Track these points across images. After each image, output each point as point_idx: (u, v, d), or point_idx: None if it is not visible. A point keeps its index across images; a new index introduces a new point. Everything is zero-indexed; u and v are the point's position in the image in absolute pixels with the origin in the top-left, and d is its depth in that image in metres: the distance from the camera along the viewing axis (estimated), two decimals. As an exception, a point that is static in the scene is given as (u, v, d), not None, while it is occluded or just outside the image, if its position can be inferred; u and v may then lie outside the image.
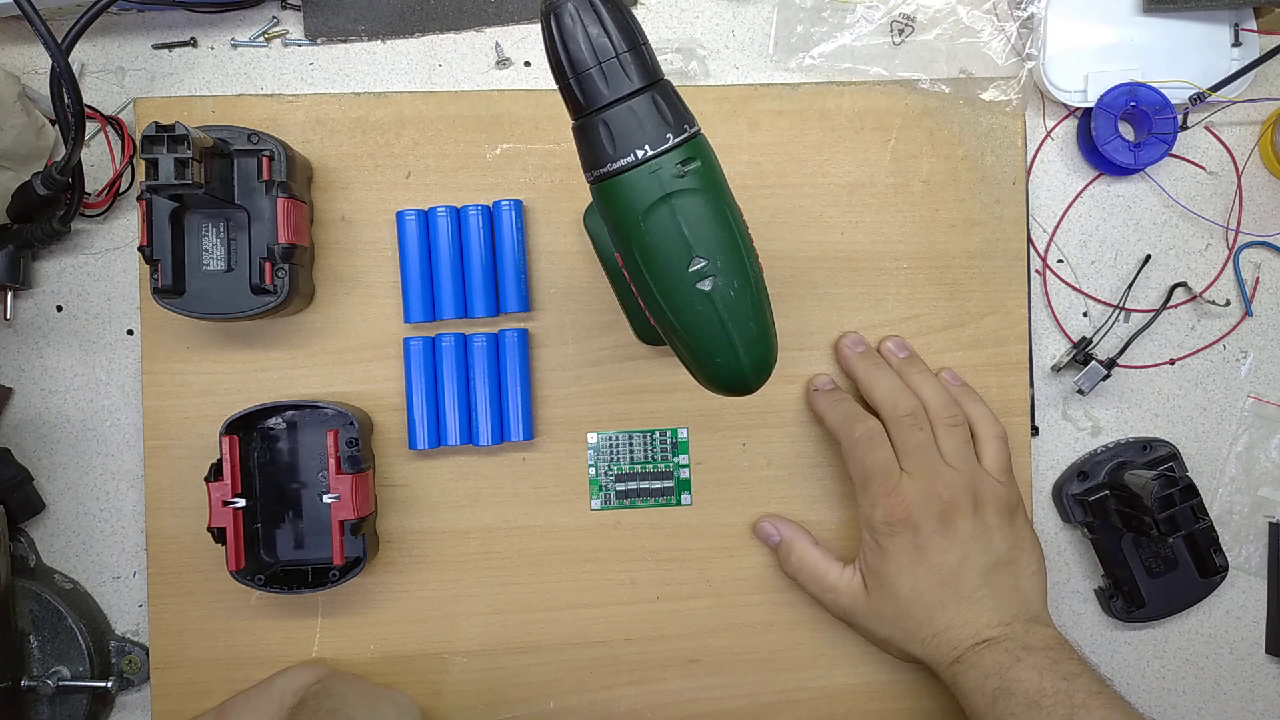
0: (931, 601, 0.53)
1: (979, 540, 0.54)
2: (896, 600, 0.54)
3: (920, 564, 0.53)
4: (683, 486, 0.59)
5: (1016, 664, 0.50)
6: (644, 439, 0.59)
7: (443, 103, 0.58)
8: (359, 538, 0.54)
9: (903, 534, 0.53)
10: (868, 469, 0.54)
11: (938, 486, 0.53)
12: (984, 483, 0.55)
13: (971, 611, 0.53)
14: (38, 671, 0.56)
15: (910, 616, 0.53)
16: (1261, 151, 0.63)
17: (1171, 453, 0.62)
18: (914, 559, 0.53)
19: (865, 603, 0.55)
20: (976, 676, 0.51)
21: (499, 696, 0.58)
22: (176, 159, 0.47)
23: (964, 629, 0.53)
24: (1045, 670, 0.50)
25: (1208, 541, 0.61)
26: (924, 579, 0.53)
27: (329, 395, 0.57)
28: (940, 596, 0.53)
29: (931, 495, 0.53)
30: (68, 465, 0.59)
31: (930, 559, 0.53)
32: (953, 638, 0.53)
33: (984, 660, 0.51)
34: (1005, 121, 0.60)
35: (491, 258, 0.57)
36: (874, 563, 0.54)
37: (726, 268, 0.39)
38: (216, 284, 0.53)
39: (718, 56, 0.61)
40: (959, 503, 0.54)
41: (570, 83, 0.37)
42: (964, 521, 0.54)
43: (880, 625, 0.55)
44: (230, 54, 0.59)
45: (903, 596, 0.53)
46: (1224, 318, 0.63)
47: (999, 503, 0.55)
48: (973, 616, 0.53)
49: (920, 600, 0.53)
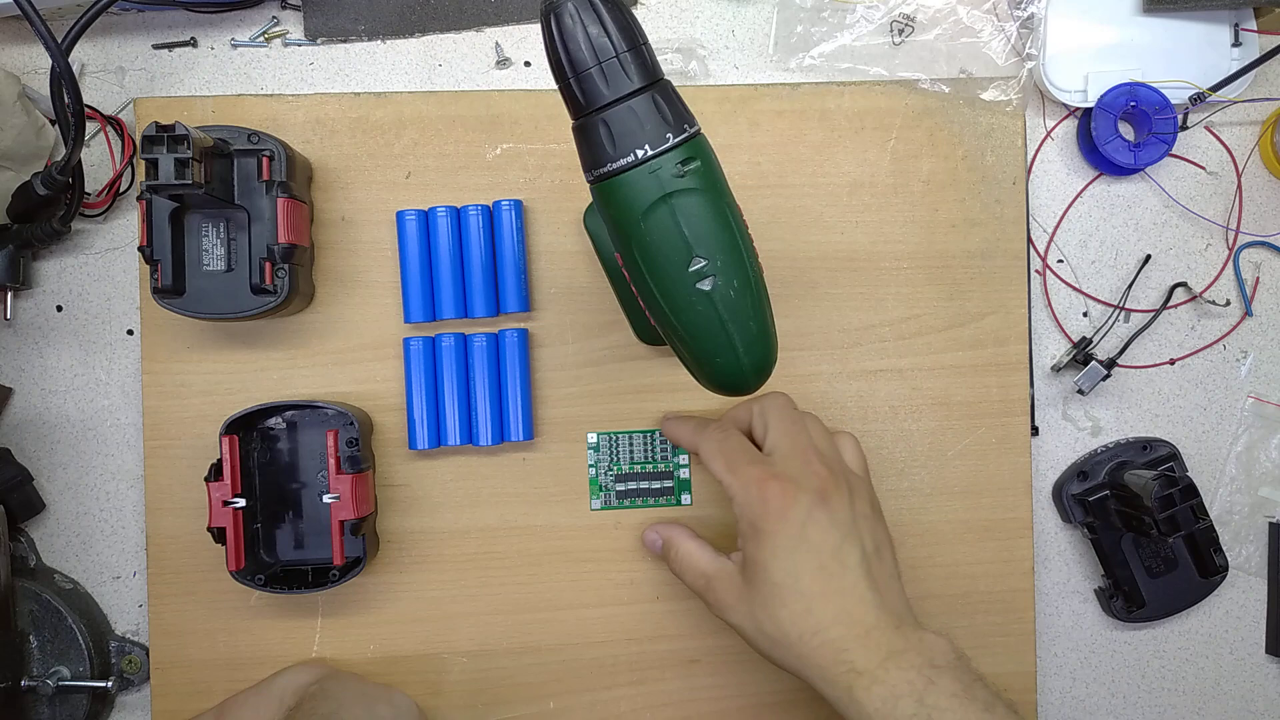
0: (811, 591, 0.47)
1: (855, 526, 0.49)
2: (773, 588, 0.47)
3: (800, 546, 0.47)
4: (683, 486, 0.59)
5: (931, 688, 0.44)
6: (644, 439, 0.59)
7: (443, 103, 0.58)
8: (359, 538, 0.54)
9: (780, 510, 0.47)
10: (732, 454, 0.50)
11: (814, 464, 0.49)
12: (851, 473, 0.51)
13: (856, 607, 0.47)
14: (38, 671, 0.56)
15: (788, 608, 0.47)
16: (1261, 151, 0.63)
17: (1171, 453, 0.62)
18: (793, 540, 0.47)
19: (742, 594, 0.49)
20: (884, 696, 0.44)
21: (499, 696, 0.58)
22: (176, 159, 0.47)
23: (851, 627, 0.46)
24: (962, 698, 0.44)
25: (1208, 541, 0.61)
26: (802, 563, 0.47)
27: (329, 395, 0.57)
28: (820, 586, 0.47)
29: (809, 472, 0.49)
30: (68, 465, 0.59)
31: (810, 539, 0.47)
32: (838, 638, 0.46)
33: (890, 677, 0.45)
34: (1005, 121, 0.60)
35: (491, 258, 0.57)
36: (750, 549, 0.48)
37: (726, 268, 0.39)
38: (216, 284, 0.53)
39: (718, 56, 0.61)
40: (836, 483, 0.49)
41: (570, 83, 0.37)
42: (841, 504, 0.49)
43: (758, 620, 0.48)
44: (230, 54, 0.59)
45: (780, 583, 0.47)
46: (1224, 318, 0.63)
47: (867, 491, 0.51)
48: (859, 613, 0.47)
49: (798, 589, 0.47)
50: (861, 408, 0.60)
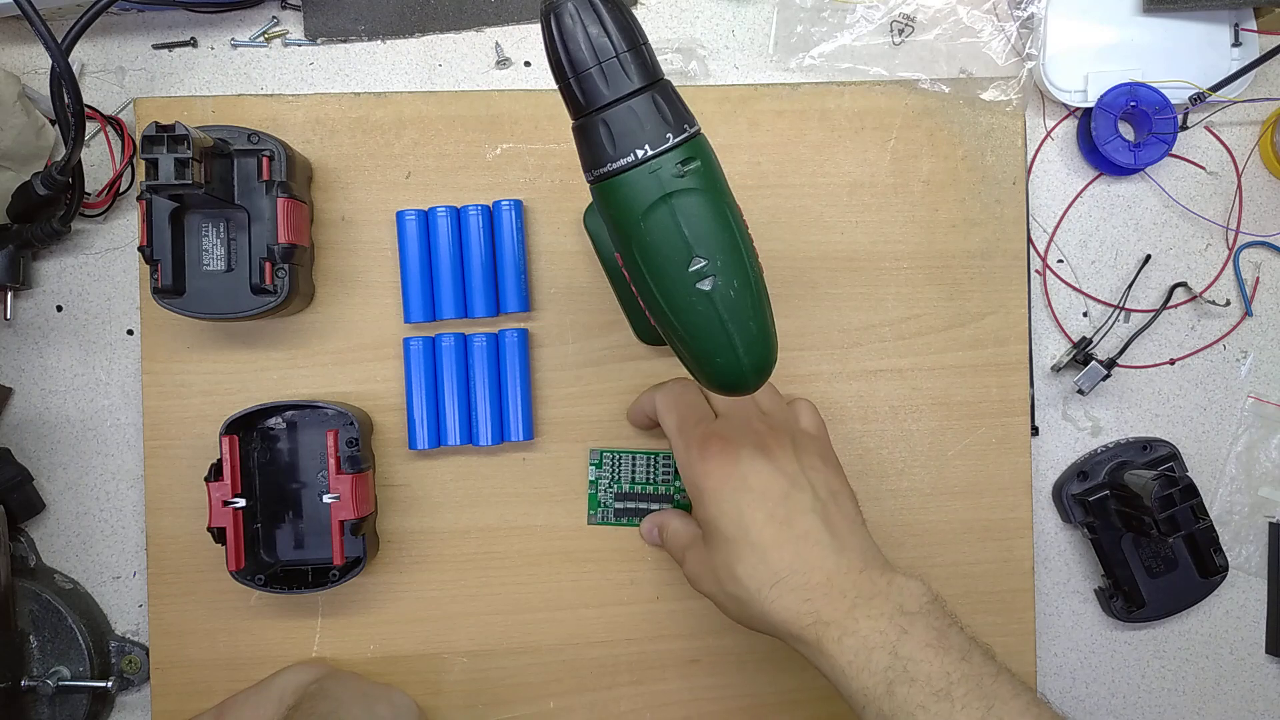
0: (764, 541, 0.45)
1: (803, 475, 0.47)
2: (726, 542, 0.46)
3: (743, 495, 0.46)
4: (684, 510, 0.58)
5: (904, 637, 0.42)
6: (647, 461, 0.58)
7: (443, 103, 0.58)
8: (359, 538, 0.54)
9: (720, 466, 0.47)
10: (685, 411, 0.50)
11: (754, 423, 0.49)
12: (799, 431, 0.51)
13: (812, 552, 0.45)
14: (38, 671, 0.56)
15: (743, 561, 0.45)
16: (1261, 151, 0.63)
17: (1171, 453, 0.62)
18: (735, 490, 0.46)
19: (704, 559, 0.48)
20: (856, 648, 0.42)
21: (499, 696, 0.58)
22: (176, 159, 0.47)
23: (809, 574, 0.44)
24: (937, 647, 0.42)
25: (1208, 541, 0.61)
26: (749, 513, 0.46)
27: (329, 395, 0.57)
28: (772, 533, 0.45)
29: (748, 429, 0.48)
30: (68, 465, 0.59)
31: (753, 487, 0.46)
32: (799, 584, 0.44)
33: (861, 627, 0.42)
34: (1005, 121, 0.60)
35: (491, 258, 0.57)
36: (699, 511, 0.48)
37: (726, 268, 0.39)
38: (216, 284, 0.53)
39: (718, 56, 0.61)
40: (777, 437, 0.48)
41: (570, 83, 0.37)
42: (784, 455, 0.48)
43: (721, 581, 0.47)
44: (230, 54, 0.59)
45: (731, 537, 0.46)
46: (1224, 318, 0.63)
47: (819, 446, 0.51)
48: (816, 559, 0.45)
49: (749, 539, 0.45)
50: (861, 408, 0.60)
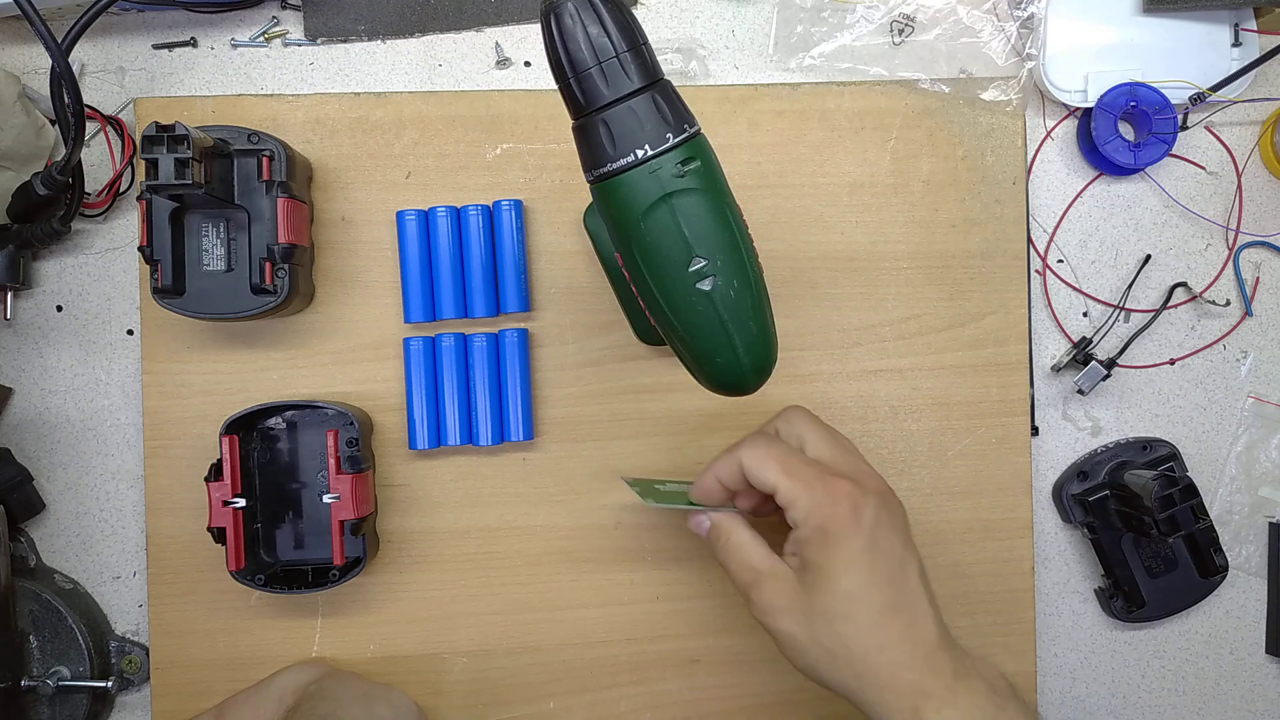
0: (880, 604, 0.44)
1: (909, 536, 0.47)
2: (841, 597, 0.43)
3: (872, 555, 0.44)
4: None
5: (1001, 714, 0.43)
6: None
7: (443, 103, 0.58)
8: (359, 538, 0.54)
9: (853, 514, 0.44)
10: (785, 458, 0.45)
11: (864, 466, 0.47)
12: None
13: (921, 623, 0.44)
14: (38, 671, 0.56)
15: (853, 621, 0.43)
16: (1261, 151, 0.63)
17: (1171, 453, 0.62)
18: (866, 547, 0.44)
19: (798, 600, 0.45)
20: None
21: (499, 696, 0.58)
22: (176, 159, 0.47)
23: (916, 645, 0.44)
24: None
25: (1208, 541, 0.61)
26: (875, 573, 0.44)
27: (329, 395, 0.57)
28: (889, 598, 0.44)
29: (866, 473, 0.46)
30: (68, 465, 0.59)
31: (880, 547, 0.44)
32: (904, 656, 0.43)
33: (961, 701, 0.42)
34: (1005, 121, 0.60)
35: (491, 258, 0.57)
36: (816, 554, 0.44)
37: (726, 268, 0.39)
38: (216, 284, 0.53)
39: (718, 56, 0.61)
40: (888, 489, 0.47)
41: (570, 83, 0.37)
42: (898, 509, 0.47)
43: (815, 631, 0.44)
44: (230, 54, 0.59)
45: (849, 593, 0.43)
46: (1224, 318, 0.63)
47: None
48: (923, 629, 0.44)
49: (868, 600, 0.43)
50: (861, 408, 0.60)
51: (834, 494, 0.44)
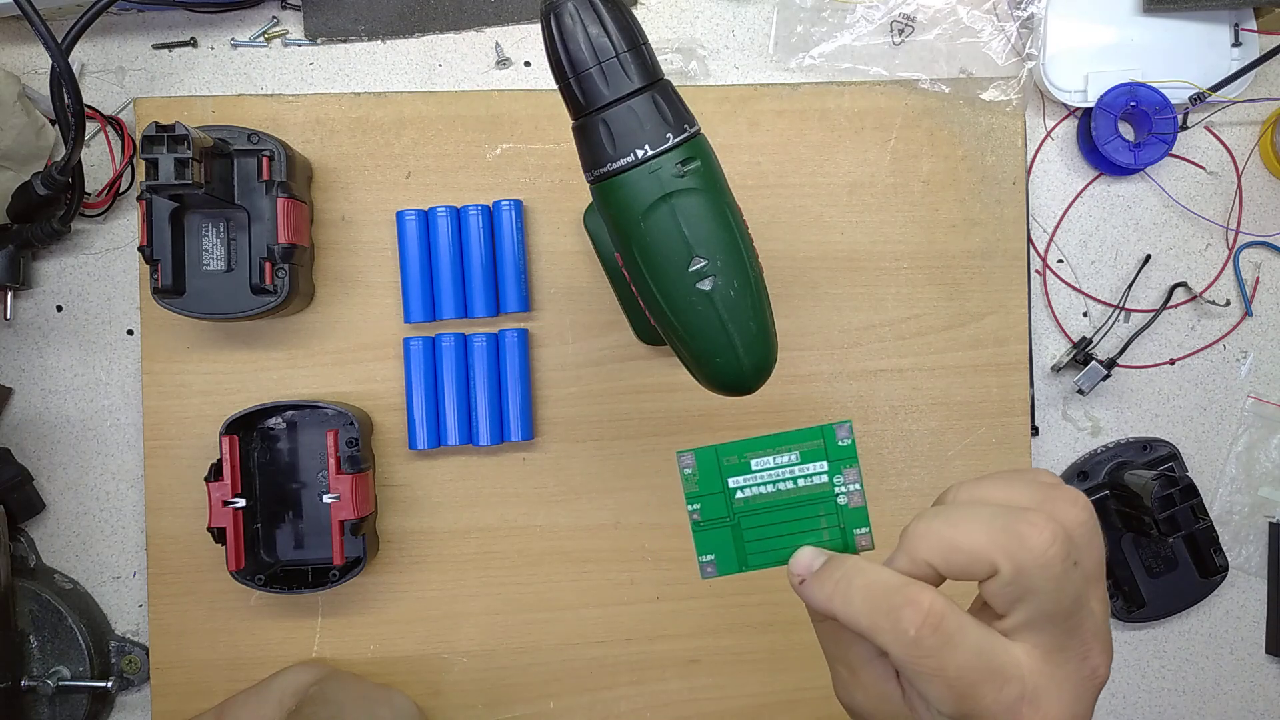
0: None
1: None
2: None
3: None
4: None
5: None
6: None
7: (443, 103, 0.58)
8: (359, 538, 0.54)
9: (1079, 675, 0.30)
10: (966, 672, 0.29)
11: (1089, 670, 0.31)
12: None
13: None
14: (38, 671, 0.56)
15: None
16: (1261, 151, 0.63)
17: (1171, 453, 0.62)
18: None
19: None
20: None
21: (499, 696, 0.58)
22: (176, 159, 0.47)
23: None
24: None
25: (1208, 541, 0.61)
26: None
27: (329, 395, 0.57)
28: None
29: (1086, 686, 0.31)
30: (68, 465, 0.59)
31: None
32: None
33: None
34: (1005, 121, 0.60)
35: (491, 258, 0.57)
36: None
37: (726, 268, 0.39)
38: (216, 284, 0.53)
39: (718, 56, 0.61)
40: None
41: (570, 82, 0.37)
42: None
43: None
44: (230, 54, 0.59)
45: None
46: (1224, 318, 0.63)
47: None
48: None
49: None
50: (861, 408, 0.60)
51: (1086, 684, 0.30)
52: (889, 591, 0.29)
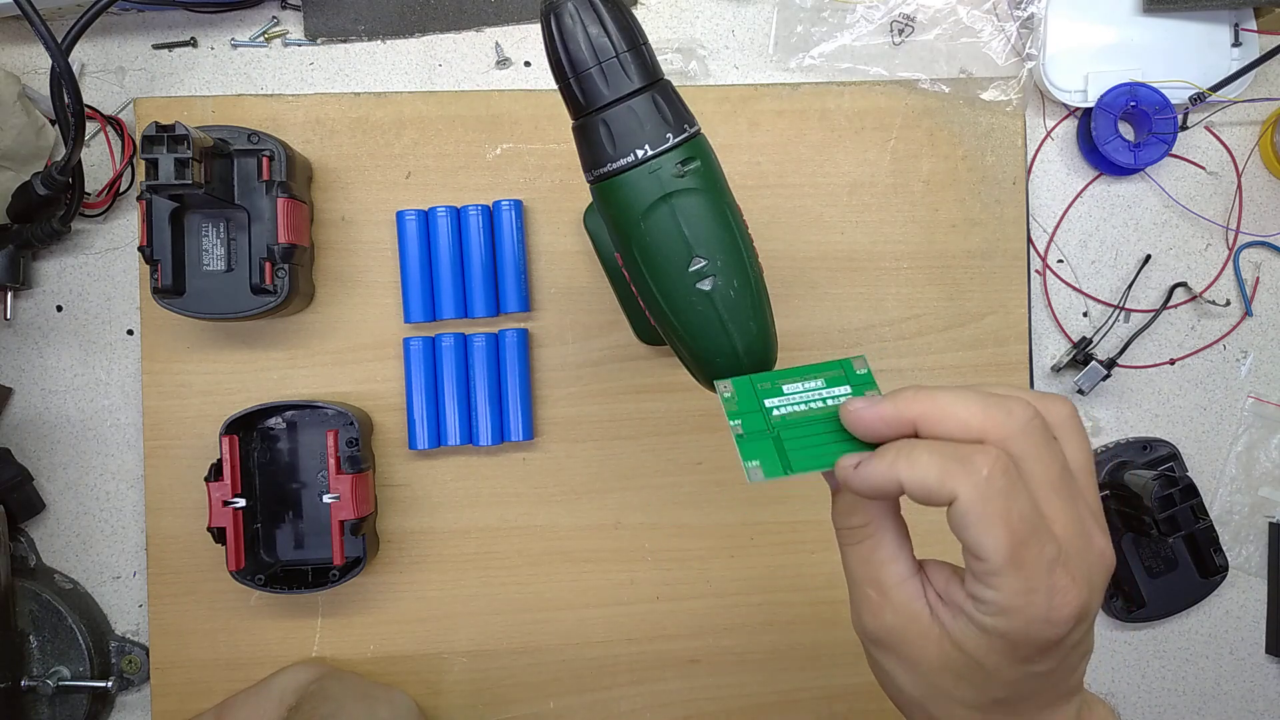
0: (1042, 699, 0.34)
1: None
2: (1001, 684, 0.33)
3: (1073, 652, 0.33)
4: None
5: None
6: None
7: (443, 103, 0.58)
8: (359, 538, 0.54)
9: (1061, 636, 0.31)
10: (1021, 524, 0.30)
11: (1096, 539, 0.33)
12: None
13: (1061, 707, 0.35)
14: (38, 671, 0.56)
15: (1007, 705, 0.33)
16: (1261, 151, 0.63)
17: (1171, 453, 0.62)
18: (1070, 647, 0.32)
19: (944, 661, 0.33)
20: None
21: (498, 696, 0.58)
22: (176, 159, 0.47)
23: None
24: None
25: (1208, 541, 0.61)
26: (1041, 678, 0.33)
27: (329, 395, 0.57)
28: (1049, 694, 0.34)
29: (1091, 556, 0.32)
30: (68, 465, 0.59)
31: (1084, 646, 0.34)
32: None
33: None
34: (1005, 121, 0.60)
35: (491, 258, 0.57)
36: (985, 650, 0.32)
37: (726, 267, 0.38)
38: (216, 284, 0.53)
39: (718, 56, 0.61)
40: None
41: (570, 82, 0.37)
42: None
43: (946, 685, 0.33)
44: (230, 54, 0.59)
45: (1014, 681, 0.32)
46: (1224, 318, 0.63)
47: None
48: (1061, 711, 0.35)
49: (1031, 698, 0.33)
50: (861, 408, 0.60)
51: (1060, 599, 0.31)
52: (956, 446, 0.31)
